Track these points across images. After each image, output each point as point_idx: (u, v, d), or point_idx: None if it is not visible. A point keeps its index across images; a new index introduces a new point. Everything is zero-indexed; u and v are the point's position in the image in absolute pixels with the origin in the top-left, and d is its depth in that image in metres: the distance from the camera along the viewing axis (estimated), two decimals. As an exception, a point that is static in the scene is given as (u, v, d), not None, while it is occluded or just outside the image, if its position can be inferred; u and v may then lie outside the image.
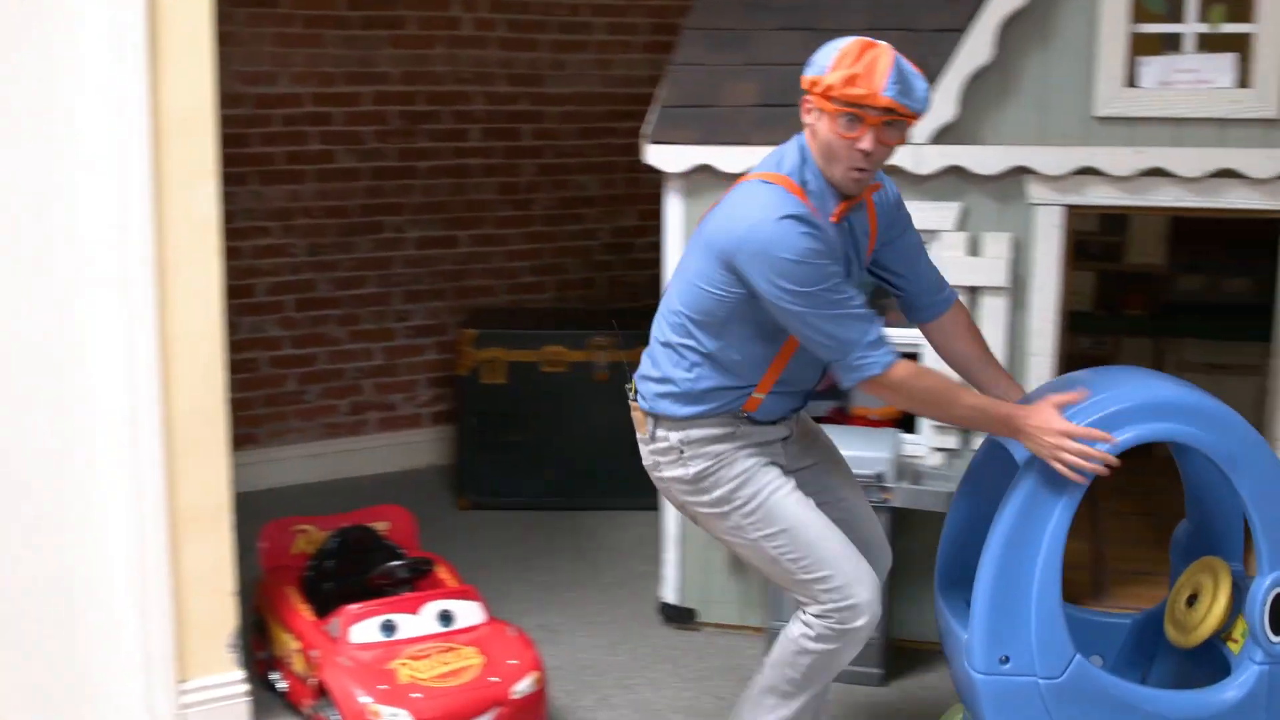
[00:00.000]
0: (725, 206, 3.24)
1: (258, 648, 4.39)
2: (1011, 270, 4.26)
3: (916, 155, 4.26)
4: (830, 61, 3.11)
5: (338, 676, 3.80)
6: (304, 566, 4.45)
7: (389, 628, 3.93)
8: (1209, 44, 4.15)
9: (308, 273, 6.45)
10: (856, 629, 3.31)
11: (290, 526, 4.61)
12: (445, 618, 4.00)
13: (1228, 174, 4.10)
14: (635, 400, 3.52)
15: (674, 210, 4.55)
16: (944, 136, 4.27)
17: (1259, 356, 6.10)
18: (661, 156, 4.49)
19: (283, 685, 4.20)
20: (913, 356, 3.83)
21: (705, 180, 4.47)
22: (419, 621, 3.97)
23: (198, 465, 3.90)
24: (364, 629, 3.91)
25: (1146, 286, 6.44)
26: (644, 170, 4.53)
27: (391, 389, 6.72)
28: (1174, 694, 3.22)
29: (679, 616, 4.75)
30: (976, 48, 4.19)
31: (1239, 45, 4.11)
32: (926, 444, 4.44)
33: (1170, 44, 4.19)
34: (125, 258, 3.70)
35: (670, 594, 4.75)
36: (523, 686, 3.84)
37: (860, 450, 4.19)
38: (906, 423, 4.55)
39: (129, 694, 3.90)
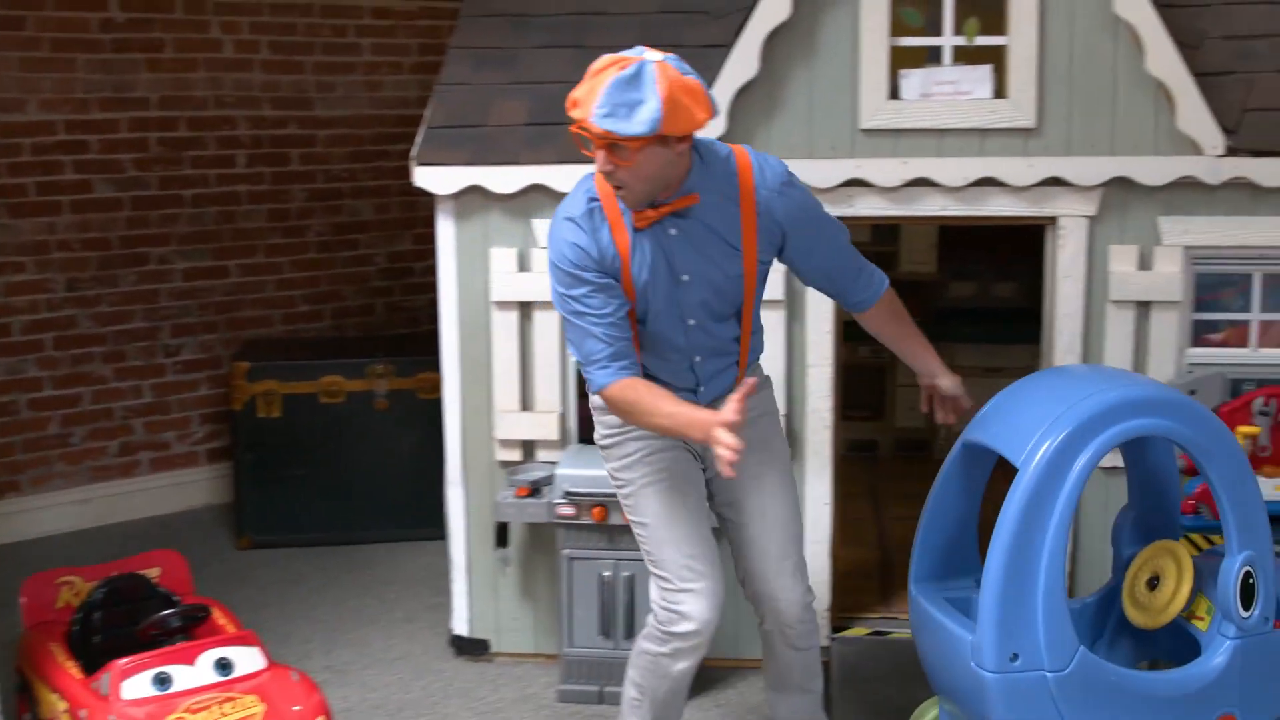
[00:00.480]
0: None
1: (23, 710, 4.14)
2: (787, 283, 4.28)
3: (689, 171, 4.25)
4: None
5: (108, 738, 3.59)
6: (70, 621, 4.21)
7: (163, 681, 3.72)
8: (967, 56, 4.24)
9: (68, 309, 6.16)
10: (679, 634, 3.37)
11: (53, 579, 4.35)
12: (223, 666, 3.82)
13: (990, 182, 4.20)
14: None
15: (445, 232, 4.46)
16: (715, 151, 4.27)
17: (1029, 359, 6.29)
18: (430, 178, 4.39)
19: (50, 749, 3.96)
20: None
21: (476, 201, 4.39)
22: (195, 672, 3.77)
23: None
24: (136, 684, 3.70)
25: (919, 294, 6.58)
26: (418, 193, 4.43)
27: (164, 427, 6.45)
28: (1163, 674, 3.36)
29: (471, 648, 4.65)
30: (743, 62, 4.21)
31: (994, 57, 4.22)
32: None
33: (930, 57, 4.27)
34: None
35: (461, 625, 4.64)
36: (308, 734, 3.69)
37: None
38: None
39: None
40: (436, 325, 4.54)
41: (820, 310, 4.31)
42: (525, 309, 4.43)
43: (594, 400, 3.47)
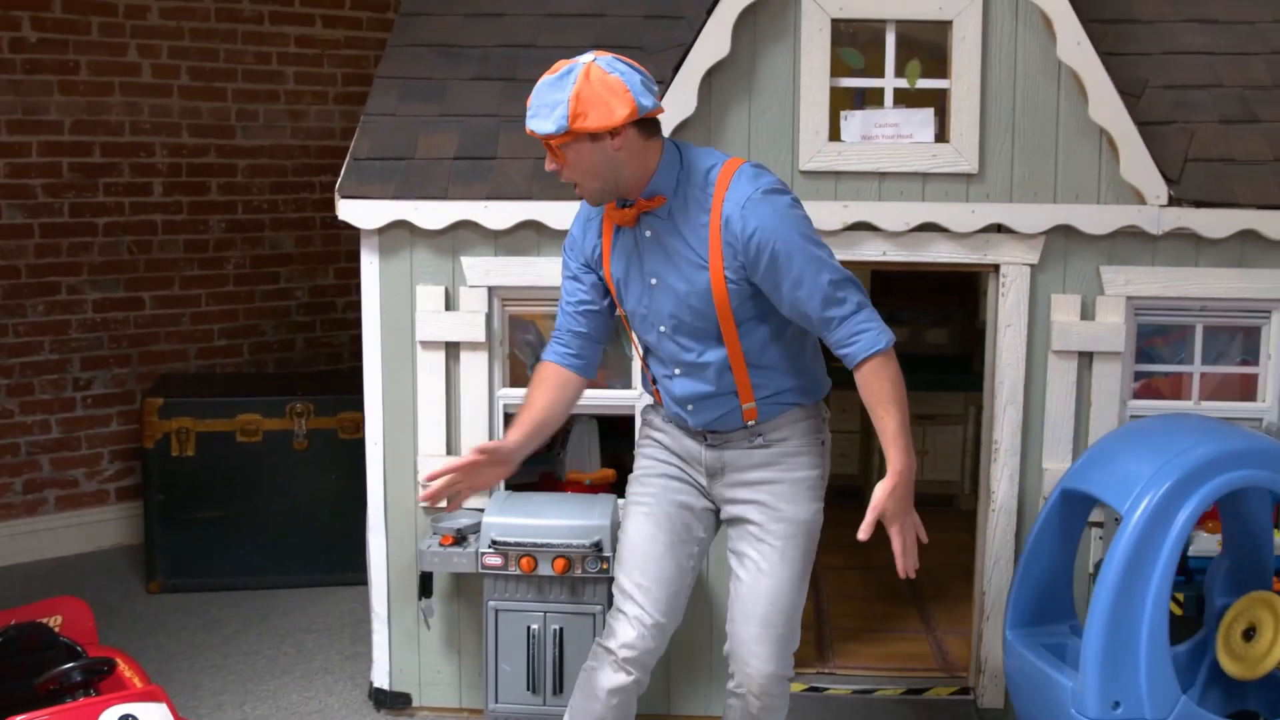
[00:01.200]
0: None
1: (-91, 769, 3.89)
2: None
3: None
4: None
5: (-1, 804, 3.37)
6: (-37, 672, 3.98)
7: (62, 741, 3.51)
8: (908, 99, 4.16)
9: (-28, 339, 5.91)
10: (606, 647, 3.38)
11: (-52, 627, 4.13)
12: (127, 725, 3.61)
13: (931, 228, 4.11)
14: None
15: (369, 268, 4.29)
16: (651, 191, 4.15)
17: (961, 406, 6.26)
18: (354, 212, 4.23)
19: (-62, 813, 3.72)
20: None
21: (402, 236, 4.24)
22: (97, 732, 3.56)
23: None
24: (31, 745, 3.49)
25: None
26: (343, 226, 4.27)
27: (71, 464, 6.19)
28: None
29: (392, 701, 4.45)
30: (681, 100, 4.09)
31: (936, 101, 4.14)
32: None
33: (871, 98, 4.19)
34: None
35: (381, 678, 4.44)
36: (216, 799, 3.48)
37: (574, 519, 4.01)
38: (623, 487, 4.38)
39: None
40: (359, 363, 4.38)
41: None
42: (452, 349, 4.27)
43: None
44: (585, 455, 4.77)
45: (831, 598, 5.09)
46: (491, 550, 4.01)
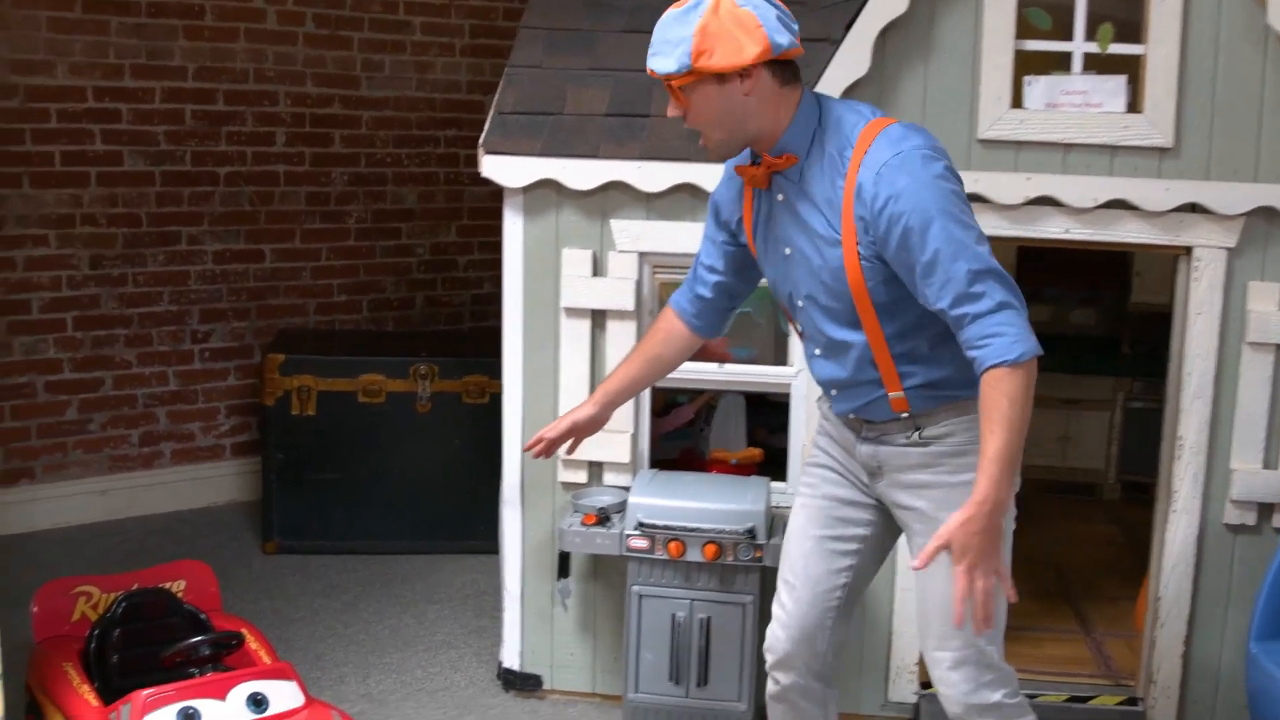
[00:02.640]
0: None
1: (31, 733, 3.77)
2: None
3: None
4: None
5: (129, 780, 3.22)
6: (85, 637, 3.84)
7: (190, 717, 3.34)
8: (1098, 65, 3.85)
9: (91, 287, 5.79)
10: (765, 649, 3.20)
11: (69, 588, 3.99)
12: (257, 702, 3.43)
13: (1119, 205, 3.81)
14: None
15: (513, 229, 4.07)
16: (816, 157, 3.89)
17: (1110, 391, 5.94)
18: (499, 168, 4.00)
19: (61, 781, 3.60)
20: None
21: (548, 196, 4.01)
22: (226, 709, 3.39)
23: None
24: (160, 719, 3.33)
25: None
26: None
27: (188, 417, 6.08)
28: None
29: (522, 683, 4.26)
30: (852, 59, 3.82)
31: (1129, 68, 3.83)
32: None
33: (1059, 62, 3.89)
34: None
35: (512, 658, 4.25)
36: (351, 785, 3.31)
37: (726, 503, 3.78)
38: (773, 469, 4.15)
39: None
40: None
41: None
42: (598, 317, 4.05)
43: None
44: (731, 433, 4.53)
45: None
46: (638, 533, 3.79)
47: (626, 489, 3.98)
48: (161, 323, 5.95)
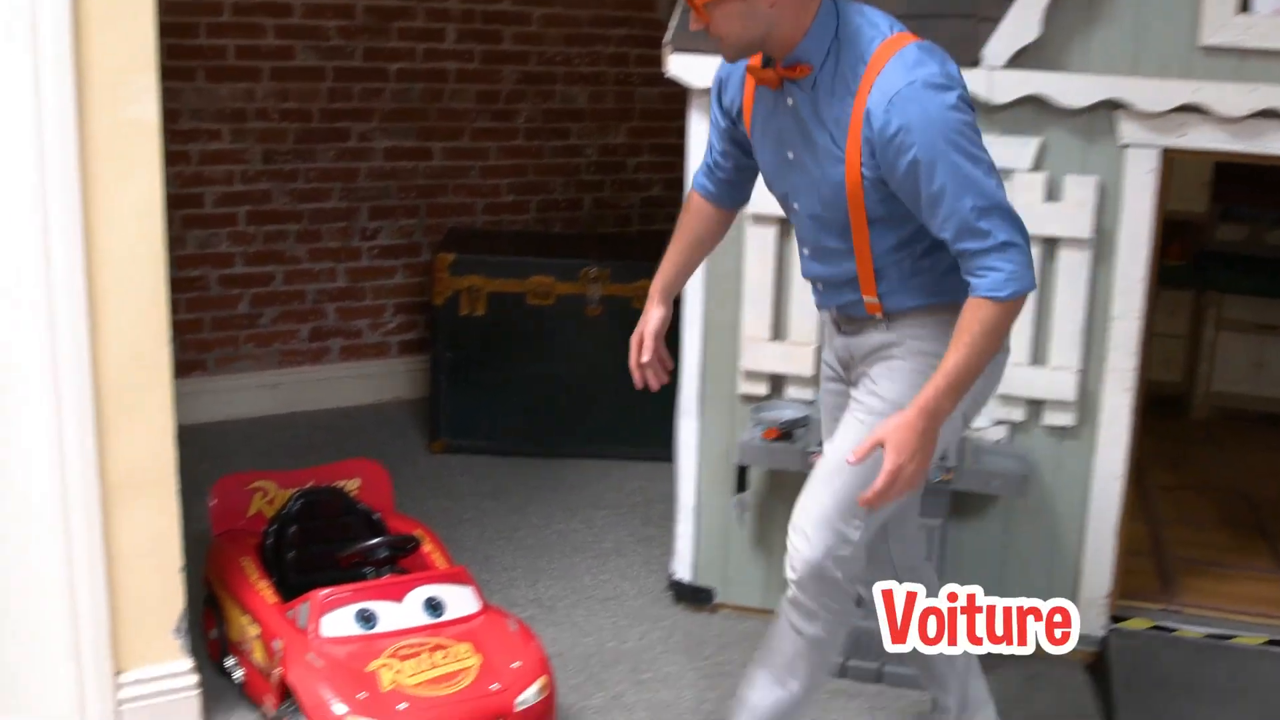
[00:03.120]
0: None
1: (209, 625, 3.80)
2: (1096, 220, 3.69)
3: (990, 80, 3.68)
4: None
5: (307, 678, 3.21)
6: (262, 532, 3.85)
7: (367, 618, 3.34)
8: (1338, -37, 3.56)
9: (263, 182, 5.78)
10: None
11: (245, 483, 4.01)
12: (434, 607, 3.42)
13: (1356, 118, 3.54)
14: None
15: (698, 131, 3.93)
16: (1022, 59, 3.67)
17: (1309, 315, 5.64)
18: (686, 68, 3.86)
19: (239, 674, 3.62)
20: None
21: (739, 100, 3.85)
22: (403, 611, 3.38)
23: (134, 416, 3.26)
24: (338, 619, 3.32)
25: (1185, 234, 5.90)
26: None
27: (356, 314, 6.08)
28: None
29: (693, 596, 4.19)
30: (1067, -44, 3.59)
31: (1373, -34, 3.53)
32: (987, 416, 3.87)
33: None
34: (42, 168, 3.02)
35: (684, 570, 4.19)
36: (529, 695, 3.25)
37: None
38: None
39: (55, 689, 3.31)
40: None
41: (1134, 254, 3.71)
42: (785, 225, 3.90)
43: None
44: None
45: (1165, 521, 4.61)
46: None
47: (810, 403, 3.85)
48: (331, 219, 5.94)
